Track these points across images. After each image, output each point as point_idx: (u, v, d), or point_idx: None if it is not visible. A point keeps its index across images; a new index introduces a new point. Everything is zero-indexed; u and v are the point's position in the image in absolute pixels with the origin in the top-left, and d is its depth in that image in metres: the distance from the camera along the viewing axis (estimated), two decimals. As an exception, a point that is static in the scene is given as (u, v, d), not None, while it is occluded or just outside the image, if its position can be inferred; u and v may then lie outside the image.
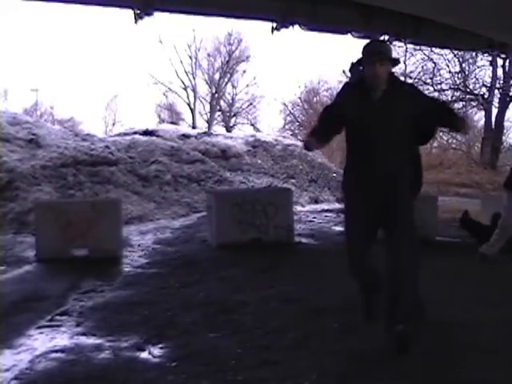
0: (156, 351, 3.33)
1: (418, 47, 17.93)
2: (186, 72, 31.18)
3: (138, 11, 7.69)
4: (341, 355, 3.16)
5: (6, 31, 45.69)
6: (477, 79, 20.13)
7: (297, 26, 8.49)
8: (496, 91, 19.48)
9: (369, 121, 3.16)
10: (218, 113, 33.15)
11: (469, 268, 5.67)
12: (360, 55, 3.31)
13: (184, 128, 21.70)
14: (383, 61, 3.10)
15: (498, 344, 3.32)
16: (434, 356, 3.13)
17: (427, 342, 3.29)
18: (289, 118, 29.64)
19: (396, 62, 3.33)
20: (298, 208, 11.48)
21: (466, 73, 20.16)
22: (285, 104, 29.09)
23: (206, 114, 32.32)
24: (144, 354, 3.29)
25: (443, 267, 5.62)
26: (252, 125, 32.62)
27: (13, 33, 50.78)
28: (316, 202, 13.79)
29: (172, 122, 26.72)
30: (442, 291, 4.57)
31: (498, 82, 19.32)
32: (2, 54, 44.88)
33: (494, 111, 19.46)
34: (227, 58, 31.77)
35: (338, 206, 12.16)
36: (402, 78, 21.37)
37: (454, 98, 20.87)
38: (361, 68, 3.32)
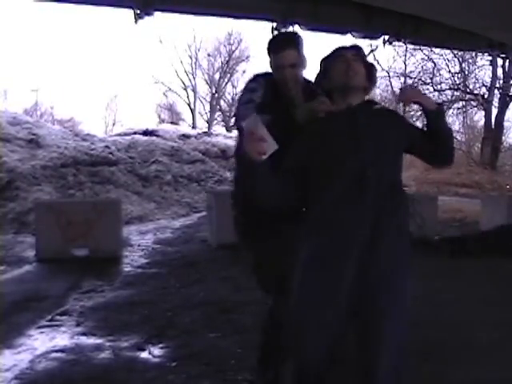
0: (156, 351, 3.33)
1: (417, 47, 17.90)
2: (185, 72, 31.22)
3: (138, 11, 7.67)
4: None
5: (7, 31, 45.70)
6: (477, 79, 20.12)
7: (297, 26, 8.48)
8: (496, 91, 19.47)
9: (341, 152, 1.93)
10: (218, 113, 33.15)
11: (468, 268, 5.68)
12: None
13: (184, 128, 21.71)
14: (357, 57, 2.04)
15: (498, 344, 3.32)
16: (433, 355, 3.13)
17: (427, 341, 3.29)
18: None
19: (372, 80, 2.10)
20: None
21: (466, 73, 20.15)
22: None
23: (206, 113, 32.33)
24: (144, 354, 3.29)
25: (443, 267, 5.63)
26: (252, 125, 32.55)
27: (13, 33, 50.79)
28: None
29: (172, 122, 26.72)
30: (442, 291, 4.57)
31: (497, 81, 19.31)
32: (2, 54, 44.88)
33: (494, 111, 19.47)
34: (227, 58, 31.76)
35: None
36: (402, 78, 21.49)
37: (453, 97, 20.86)
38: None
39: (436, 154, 2.10)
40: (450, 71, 20.15)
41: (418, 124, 22.80)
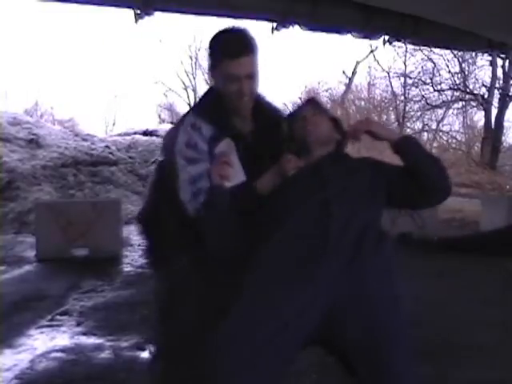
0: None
1: (417, 47, 17.90)
2: (186, 72, 31.21)
3: (138, 11, 7.68)
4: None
5: (7, 32, 45.66)
6: (476, 79, 20.12)
7: (297, 26, 8.49)
8: (496, 91, 19.46)
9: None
10: (218, 113, 33.11)
11: (468, 268, 5.68)
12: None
13: (184, 128, 21.65)
14: (316, 111, 1.88)
15: (498, 344, 3.32)
16: (433, 355, 3.13)
17: (427, 341, 3.29)
18: (289, 118, 29.62)
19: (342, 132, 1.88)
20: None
21: (466, 73, 20.15)
22: (285, 104, 29.10)
23: (206, 113, 32.31)
24: (144, 354, 3.29)
25: (443, 267, 5.63)
26: (252, 125, 32.54)
27: (13, 33, 50.77)
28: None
29: (172, 122, 26.68)
30: (442, 291, 4.57)
31: (497, 82, 19.30)
32: (2, 54, 44.87)
33: (494, 111, 19.46)
34: (227, 58, 31.79)
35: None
36: (402, 79, 21.48)
37: (453, 98, 20.87)
38: None
39: (426, 193, 1.71)
40: (449, 71, 20.15)
41: (418, 123, 22.83)
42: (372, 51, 21.67)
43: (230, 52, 1.77)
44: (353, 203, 1.63)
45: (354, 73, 24.30)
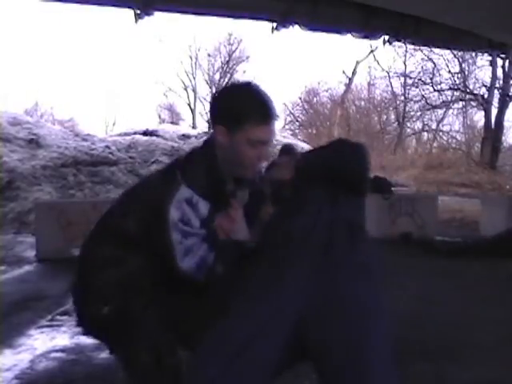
0: (156, 351, 3.33)
1: (417, 47, 17.93)
2: (186, 72, 31.26)
3: (138, 11, 7.70)
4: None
5: (7, 32, 45.68)
6: (476, 79, 20.17)
7: (297, 26, 8.50)
8: (496, 91, 19.47)
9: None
10: (218, 113, 33.07)
11: (468, 268, 5.68)
12: None
13: (184, 128, 21.70)
14: (287, 158, 1.98)
15: (498, 344, 3.32)
16: (433, 355, 3.13)
17: (427, 341, 3.30)
18: (289, 118, 29.67)
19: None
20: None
21: (466, 73, 20.18)
22: (285, 104, 29.13)
23: (206, 114, 32.29)
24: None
25: (443, 267, 5.63)
26: (252, 125, 32.50)
27: (13, 33, 50.79)
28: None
29: (172, 122, 26.73)
30: (442, 291, 4.57)
31: (497, 82, 19.31)
32: (2, 54, 44.88)
33: (494, 111, 19.47)
34: (227, 58, 31.80)
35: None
36: (402, 78, 21.47)
37: (453, 98, 20.89)
38: None
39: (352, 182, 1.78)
40: (449, 71, 20.20)
41: (418, 123, 22.80)
42: (372, 51, 21.73)
43: (263, 116, 1.69)
44: (315, 210, 1.64)
45: (354, 73, 24.34)
